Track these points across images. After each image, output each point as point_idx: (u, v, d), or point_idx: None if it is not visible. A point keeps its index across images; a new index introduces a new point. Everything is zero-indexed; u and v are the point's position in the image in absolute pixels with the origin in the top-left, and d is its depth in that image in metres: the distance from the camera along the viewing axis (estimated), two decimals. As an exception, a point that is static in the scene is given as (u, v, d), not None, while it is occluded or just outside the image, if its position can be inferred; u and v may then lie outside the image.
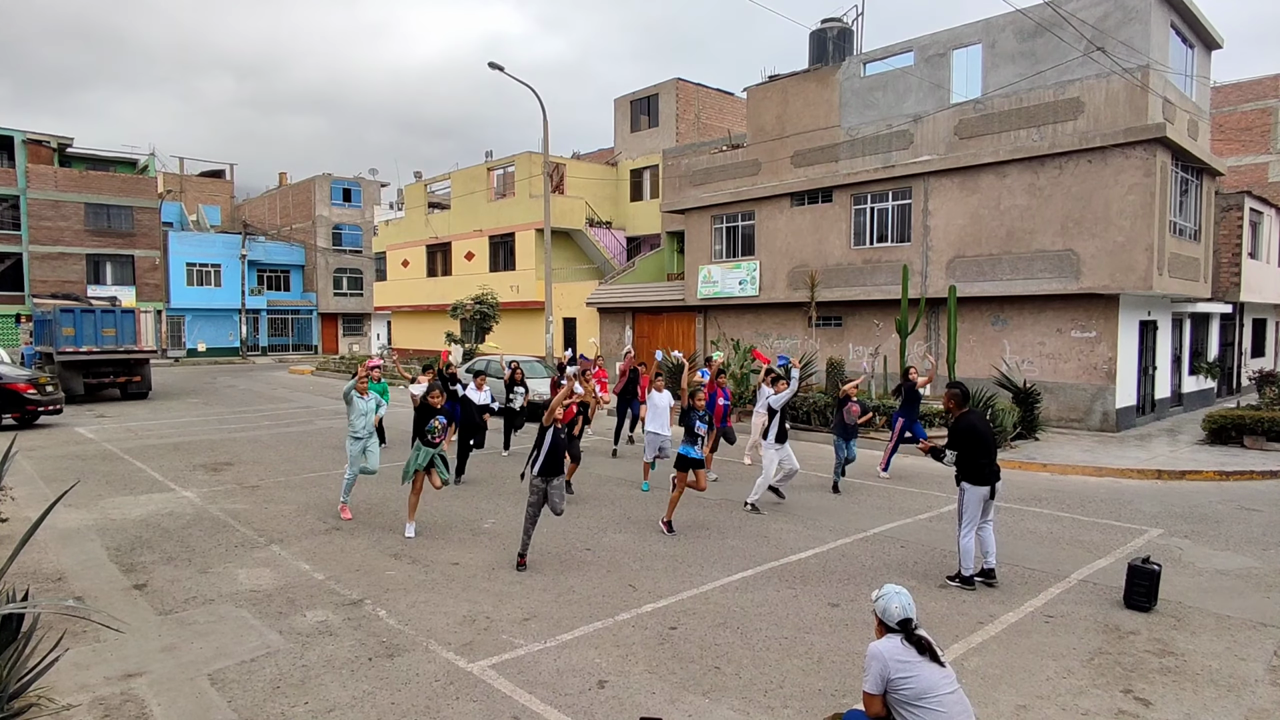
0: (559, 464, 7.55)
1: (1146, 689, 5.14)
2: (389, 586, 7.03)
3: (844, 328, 20.35)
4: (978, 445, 7.01)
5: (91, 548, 8.20)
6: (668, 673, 5.35)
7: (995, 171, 16.90)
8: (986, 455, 7.02)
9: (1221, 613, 6.48)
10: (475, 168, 34.92)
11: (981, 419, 7.36)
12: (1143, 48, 15.12)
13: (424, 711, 4.80)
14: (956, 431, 7.13)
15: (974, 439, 7.02)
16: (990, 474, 7.02)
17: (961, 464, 7.10)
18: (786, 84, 20.99)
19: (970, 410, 7.36)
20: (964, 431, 7.08)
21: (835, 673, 5.35)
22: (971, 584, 7.05)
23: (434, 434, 8.49)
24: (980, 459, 7.01)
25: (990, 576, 7.13)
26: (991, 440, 7.14)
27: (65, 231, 39.56)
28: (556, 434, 7.50)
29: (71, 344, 21.65)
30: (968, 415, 7.23)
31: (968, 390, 7.64)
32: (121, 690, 5.06)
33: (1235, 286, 20.63)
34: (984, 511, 7.12)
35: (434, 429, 8.48)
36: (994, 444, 7.17)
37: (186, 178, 56.37)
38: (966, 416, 7.21)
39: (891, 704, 3.72)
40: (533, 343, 30.37)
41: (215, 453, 14.08)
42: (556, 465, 7.52)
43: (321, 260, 50.96)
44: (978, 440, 7.02)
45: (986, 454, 7.02)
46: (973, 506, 7.07)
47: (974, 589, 7.00)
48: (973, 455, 7.02)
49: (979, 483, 7.02)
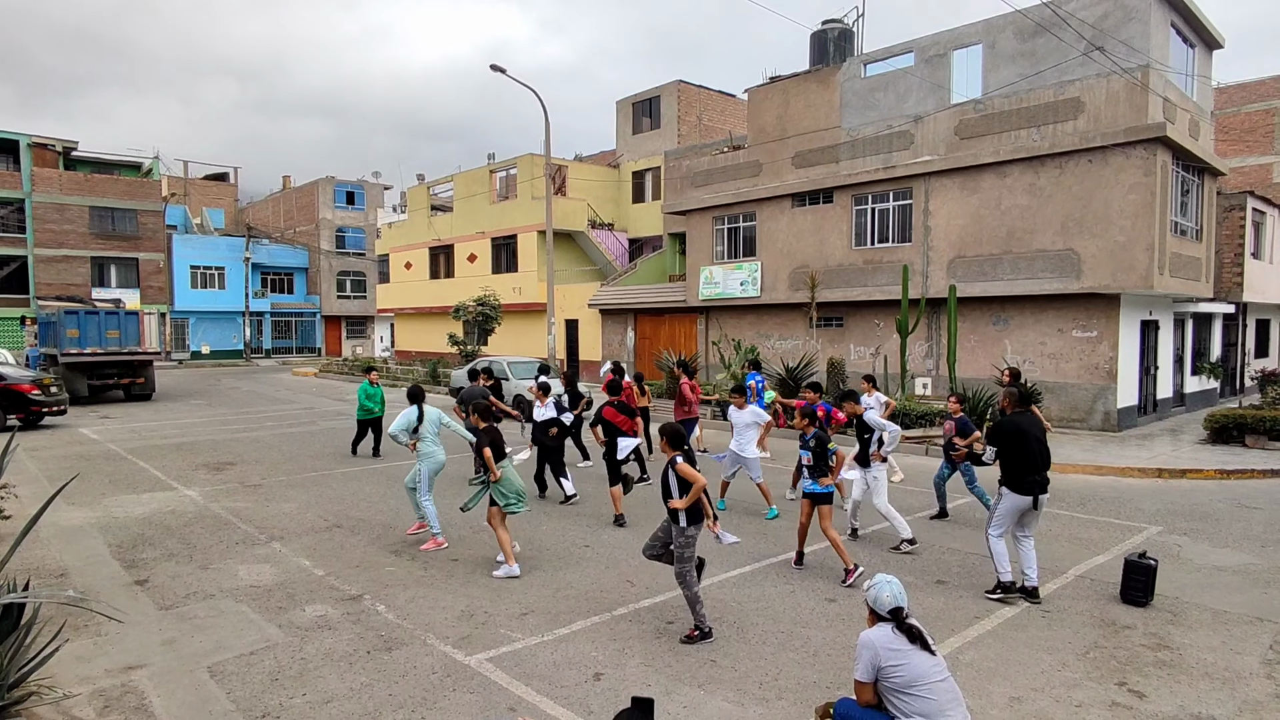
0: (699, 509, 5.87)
1: (1141, 682, 5.16)
2: (388, 583, 7.07)
3: (845, 328, 20.37)
4: (1019, 447, 6.51)
5: (94, 544, 8.26)
6: (663, 665, 5.38)
7: (996, 171, 16.91)
8: (1030, 462, 6.49)
9: (1218, 608, 6.48)
10: (478, 170, 35.03)
11: (1032, 422, 6.75)
12: (1142, 47, 15.13)
13: (421, 702, 4.84)
14: (1000, 429, 6.69)
15: (1017, 440, 6.53)
16: (1033, 484, 6.47)
17: (1003, 467, 6.64)
18: (787, 85, 21.04)
19: (1024, 412, 6.88)
20: (1007, 430, 6.61)
21: (831, 665, 5.37)
22: (1013, 592, 6.54)
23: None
24: (1022, 464, 6.50)
25: (1034, 595, 6.55)
26: (1039, 448, 6.55)
27: (70, 235, 39.76)
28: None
29: (76, 346, 21.76)
30: (1015, 416, 6.77)
31: (1024, 393, 7.11)
32: (122, 682, 5.11)
33: (1238, 286, 20.59)
34: (1021, 524, 6.65)
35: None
36: (1043, 453, 6.57)
37: (190, 181, 56.64)
38: (1014, 417, 6.76)
39: (882, 692, 3.75)
40: (535, 345, 30.41)
41: (218, 453, 14.15)
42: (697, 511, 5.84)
43: (325, 263, 51.13)
44: (1021, 442, 6.51)
45: (1029, 460, 6.49)
46: (1006, 515, 6.61)
47: (1016, 602, 6.49)
48: (1013, 458, 6.53)
49: (1020, 491, 6.50)
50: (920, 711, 3.62)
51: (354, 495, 10.65)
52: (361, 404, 13.60)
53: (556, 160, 30.90)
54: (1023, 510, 6.59)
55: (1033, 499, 6.52)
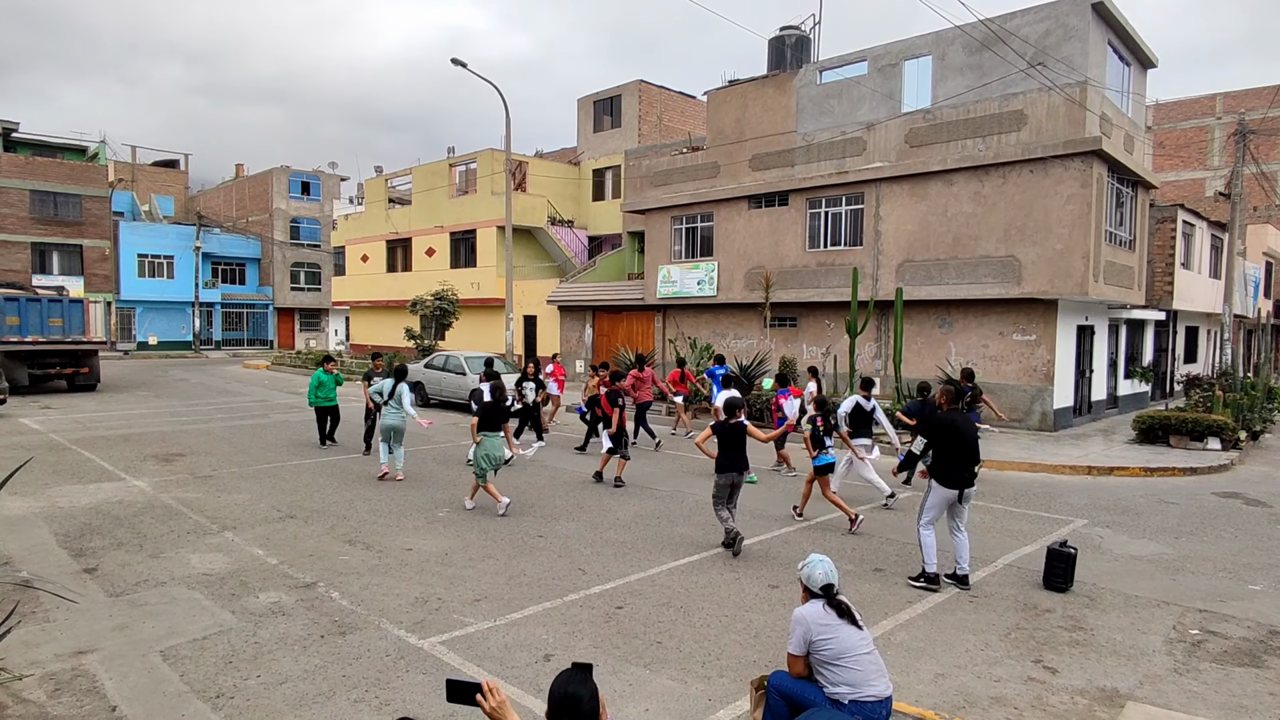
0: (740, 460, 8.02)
1: (1055, 659, 5.55)
2: (342, 570, 7.17)
3: (798, 328, 20.85)
4: (952, 443, 6.83)
5: (39, 534, 8.16)
6: (611, 647, 5.60)
7: (943, 179, 17.52)
8: (961, 458, 6.83)
9: (1130, 592, 6.96)
10: (437, 164, 34.80)
11: (965, 420, 7.10)
12: (1081, 65, 15.84)
13: (374, 683, 4.98)
14: (937, 424, 6.99)
15: (950, 435, 6.85)
16: (960, 479, 6.85)
17: (934, 461, 6.97)
18: (746, 89, 21.43)
19: (958, 410, 7.22)
20: (944, 426, 6.92)
21: (771, 646, 5.66)
22: (936, 583, 6.86)
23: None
24: (954, 459, 6.83)
25: (964, 582, 6.91)
26: (971, 445, 6.91)
27: (9, 219, 38.34)
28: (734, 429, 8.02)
29: (16, 334, 21.08)
30: (951, 413, 7.09)
31: (962, 390, 7.52)
32: (72, 666, 5.14)
33: (1169, 295, 21.60)
34: (951, 515, 7.02)
35: None
36: (974, 450, 6.94)
37: (139, 167, 54.99)
38: (950, 413, 7.08)
39: (813, 664, 4.03)
40: (493, 340, 30.38)
41: (167, 444, 13.95)
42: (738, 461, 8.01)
43: (279, 254, 50.16)
44: (954, 438, 6.83)
45: (960, 456, 6.83)
46: (935, 507, 6.97)
47: (939, 589, 6.83)
48: (946, 453, 6.87)
49: (948, 485, 6.86)
50: (847, 681, 3.90)
51: (307, 486, 10.65)
52: (315, 391, 13.69)
53: (517, 156, 30.89)
54: (950, 502, 6.97)
55: (959, 492, 6.90)
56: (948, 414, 7.15)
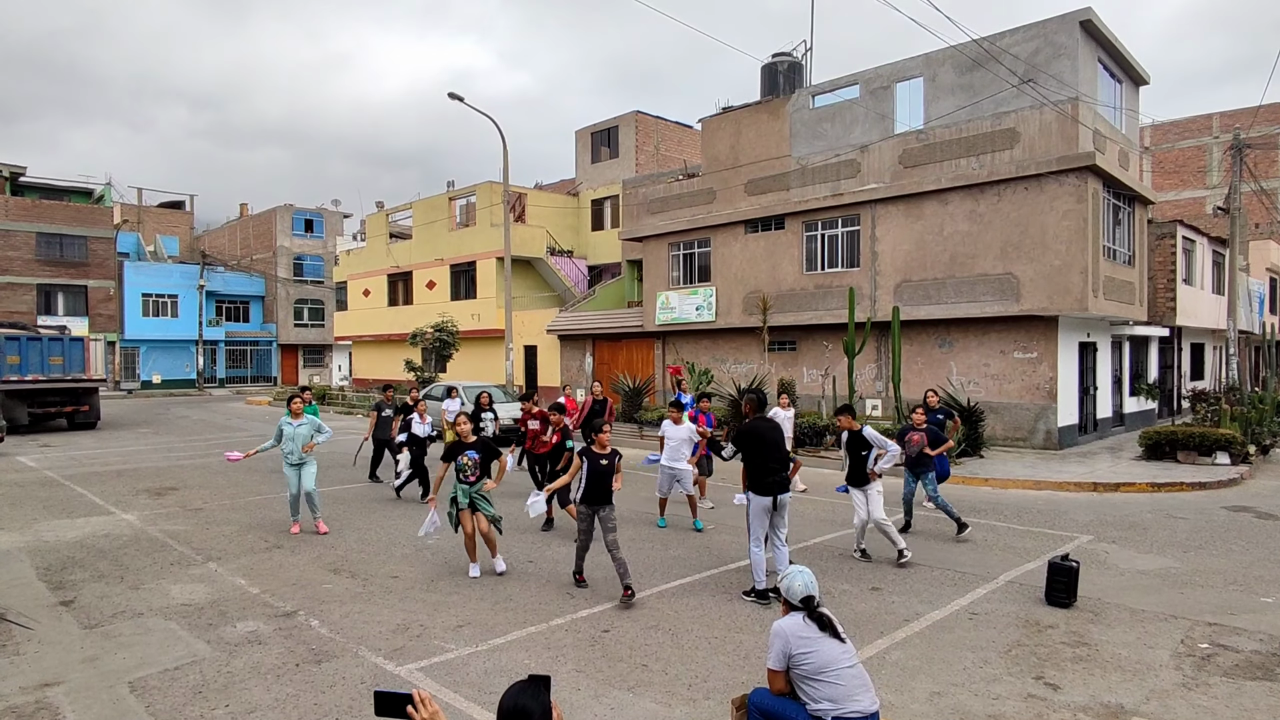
0: (603, 493, 7.08)
1: (1057, 675, 5.32)
2: (324, 599, 6.99)
3: (797, 351, 20.72)
4: (758, 451, 6.90)
5: (19, 568, 8.01)
6: (595, 671, 5.40)
7: (938, 199, 17.50)
8: (767, 464, 6.87)
9: (1137, 607, 6.72)
10: (437, 197, 35.06)
11: (771, 428, 7.11)
12: (1072, 82, 15.88)
13: (346, 711, 4.80)
14: (741, 433, 7.05)
15: (754, 443, 6.93)
16: (771, 485, 6.84)
17: (746, 471, 7.05)
18: (739, 115, 21.57)
19: (762, 417, 7.23)
20: (747, 434, 6.98)
21: (761, 667, 5.42)
22: (766, 599, 6.76)
23: (465, 472, 7.62)
24: (761, 466, 6.87)
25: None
26: (777, 451, 6.95)
27: (15, 261, 38.71)
28: (595, 461, 7.11)
29: (16, 373, 21.12)
30: (757, 421, 7.11)
31: (765, 398, 7.64)
32: (36, 699, 4.98)
33: (1171, 311, 21.44)
34: (772, 525, 6.96)
35: (464, 466, 7.61)
36: (780, 455, 6.98)
37: (145, 209, 55.62)
38: (756, 421, 7.09)
39: (794, 679, 3.85)
40: (493, 370, 30.30)
41: (161, 478, 13.83)
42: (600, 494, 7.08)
43: (282, 291, 50.45)
44: (759, 445, 6.91)
45: (767, 463, 6.87)
46: (755, 518, 6.92)
47: (769, 604, 6.69)
48: (754, 462, 6.92)
49: (761, 492, 6.88)
50: (829, 697, 3.72)
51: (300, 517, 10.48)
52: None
53: (516, 188, 31.11)
54: (767, 510, 6.90)
55: (773, 499, 6.87)
56: (753, 422, 7.12)
